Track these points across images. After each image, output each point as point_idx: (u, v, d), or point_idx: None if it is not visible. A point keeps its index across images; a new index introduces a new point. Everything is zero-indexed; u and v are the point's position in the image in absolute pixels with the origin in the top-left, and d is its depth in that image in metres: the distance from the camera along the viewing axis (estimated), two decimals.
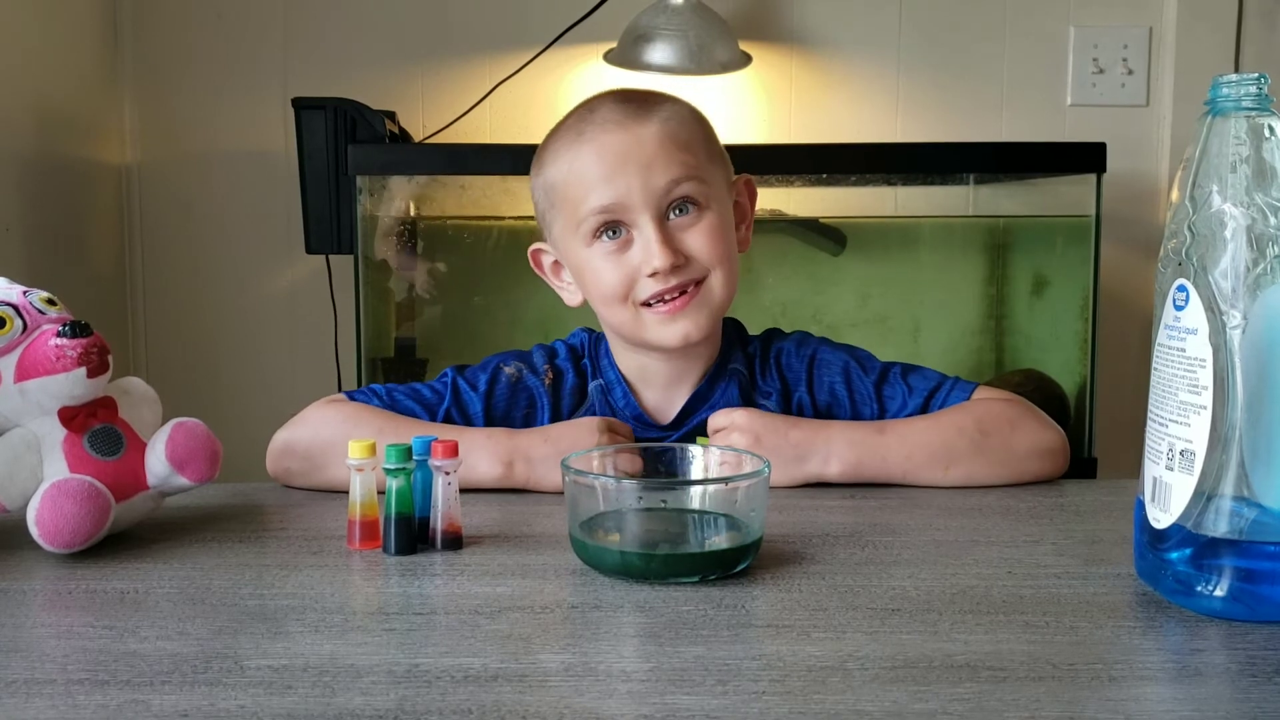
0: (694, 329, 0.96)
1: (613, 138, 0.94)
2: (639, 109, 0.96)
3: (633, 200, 0.93)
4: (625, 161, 0.93)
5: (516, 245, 1.87)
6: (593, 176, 0.94)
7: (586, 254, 0.97)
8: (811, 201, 1.92)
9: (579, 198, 0.95)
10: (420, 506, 0.77)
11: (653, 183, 0.93)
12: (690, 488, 0.77)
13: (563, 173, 0.96)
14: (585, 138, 0.95)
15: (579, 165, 0.95)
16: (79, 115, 1.86)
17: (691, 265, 0.95)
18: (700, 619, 0.63)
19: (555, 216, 0.99)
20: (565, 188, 0.96)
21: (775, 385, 1.03)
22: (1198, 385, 0.61)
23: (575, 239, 0.97)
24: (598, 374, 1.04)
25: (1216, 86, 0.62)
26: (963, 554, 0.76)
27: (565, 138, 0.97)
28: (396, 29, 1.94)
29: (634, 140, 0.94)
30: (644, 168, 0.93)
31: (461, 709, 0.51)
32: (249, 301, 1.99)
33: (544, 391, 1.02)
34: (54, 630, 0.63)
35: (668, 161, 0.94)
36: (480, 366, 1.04)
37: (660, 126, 0.95)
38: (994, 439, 0.95)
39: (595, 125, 0.95)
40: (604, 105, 0.97)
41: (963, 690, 0.53)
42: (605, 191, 0.94)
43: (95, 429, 0.78)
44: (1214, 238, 0.61)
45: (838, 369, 1.02)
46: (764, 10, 1.96)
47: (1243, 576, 0.61)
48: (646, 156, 0.93)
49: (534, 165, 1.01)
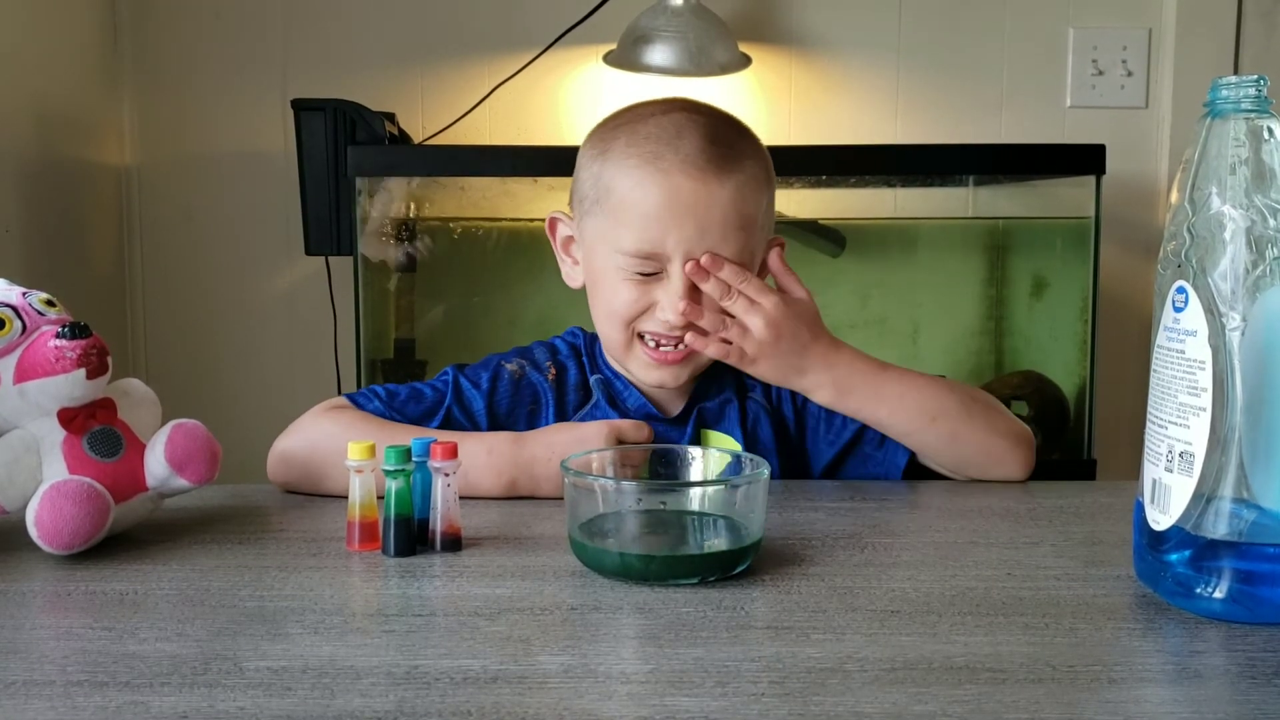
0: (672, 381, 0.99)
1: (689, 186, 0.93)
2: (722, 164, 0.94)
3: (677, 251, 0.93)
4: (689, 215, 0.93)
5: (516, 246, 1.87)
6: (652, 215, 0.93)
7: (609, 264, 0.96)
8: (811, 203, 1.92)
9: (630, 222, 0.94)
10: (420, 508, 0.77)
11: (701, 246, 0.93)
12: (689, 489, 0.77)
13: (625, 188, 0.95)
14: (662, 169, 0.93)
15: (643, 194, 0.94)
16: (78, 116, 1.86)
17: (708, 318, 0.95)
18: (699, 621, 0.63)
19: (598, 214, 0.97)
20: (621, 202, 0.95)
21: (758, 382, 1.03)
22: (1197, 387, 0.61)
23: (607, 247, 0.96)
24: (596, 370, 1.05)
25: (1216, 88, 0.62)
26: (962, 556, 0.76)
27: (643, 152, 0.94)
28: (396, 30, 1.94)
29: (706, 198, 0.93)
30: (701, 230, 0.93)
31: (461, 710, 0.51)
32: (248, 302, 1.99)
33: (548, 387, 1.02)
34: (53, 631, 0.63)
35: (724, 236, 0.94)
36: (482, 364, 1.04)
37: (735, 193, 0.94)
38: (979, 408, 1.00)
39: (677, 161, 0.93)
40: (691, 141, 0.94)
41: (962, 692, 0.53)
42: (657, 237, 0.93)
43: (94, 430, 0.78)
44: (1213, 240, 0.61)
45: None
46: (763, 12, 1.96)
47: (1242, 578, 0.61)
48: (709, 220, 0.93)
49: (594, 146, 0.99)
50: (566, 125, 1.94)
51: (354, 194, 1.67)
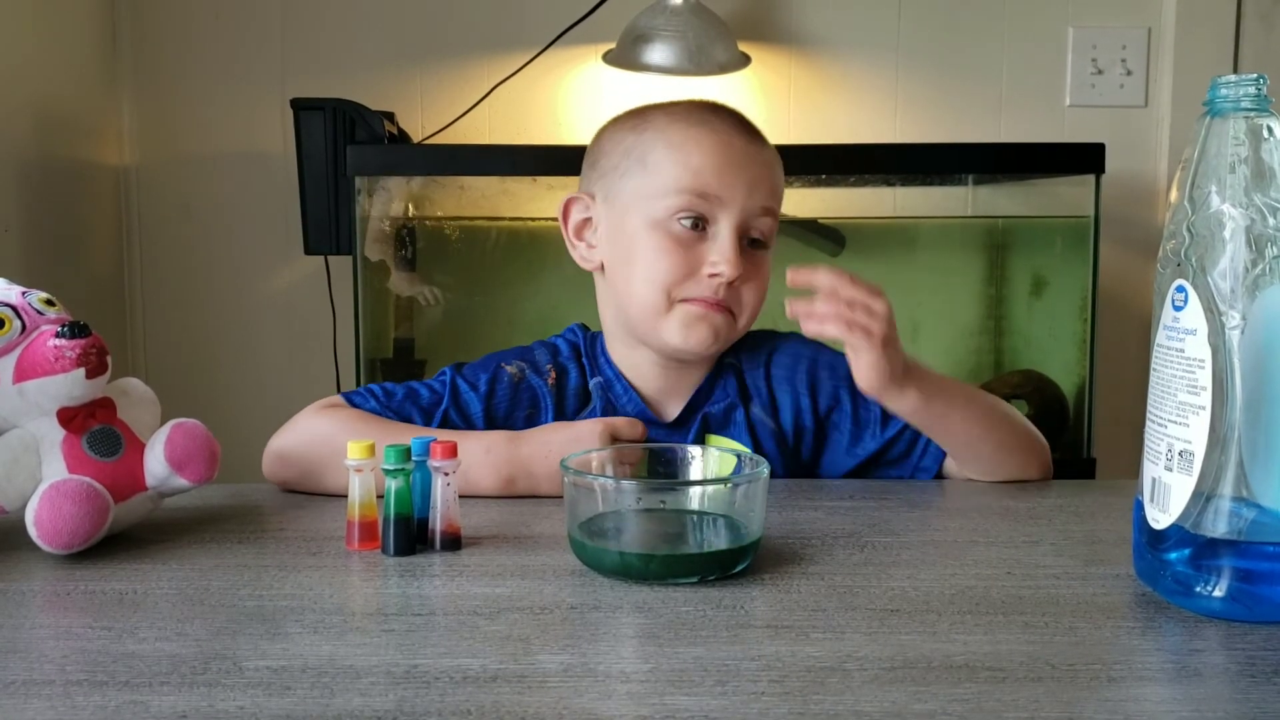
0: (711, 339, 0.97)
1: (739, 142, 0.97)
2: (758, 136, 1.00)
3: (732, 200, 0.95)
4: (742, 164, 0.96)
5: (515, 246, 1.87)
6: (707, 161, 0.95)
7: (650, 225, 0.96)
8: (810, 202, 1.92)
9: (684, 170, 0.95)
10: (419, 507, 0.77)
11: (753, 198, 0.96)
12: (689, 488, 0.77)
13: (675, 140, 0.96)
14: (711, 128, 0.97)
15: (696, 144, 0.96)
16: (78, 116, 1.86)
17: (735, 293, 0.97)
18: (699, 620, 0.63)
19: (633, 176, 0.97)
20: (670, 153, 0.96)
21: (763, 393, 1.02)
22: (1196, 386, 0.61)
23: (646, 207, 0.96)
24: (596, 371, 1.03)
25: (1215, 87, 0.62)
26: (962, 554, 0.76)
27: (688, 117, 0.98)
28: (395, 30, 1.94)
29: (755, 152, 0.98)
30: (752, 181, 0.96)
31: (460, 710, 0.51)
32: (248, 302, 1.99)
33: (548, 391, 1.01)
34: (52, 631, 0.63)
35: (770, 189, 0.98)
36: (481, 364, 1.03)
37: (771, 157, 0.99)
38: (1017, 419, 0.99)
39: (721, 123, 0.97)
40: (727, 116, 0.99)
41: (962, 691, 0.53)
42: (712, 180, 0.95)
43: (94, 430, 0.78)
44: (1213, 238, 0.61)
45: (844, 373, 1.00)
46: (763, 11, 1.96)
47: (1241, 577, 0.61)
48: (757, 173, 0.97)
49: (624, 125, 1.00)
50: (566, 124, 1.94)
51: (353, 193, 1.67)
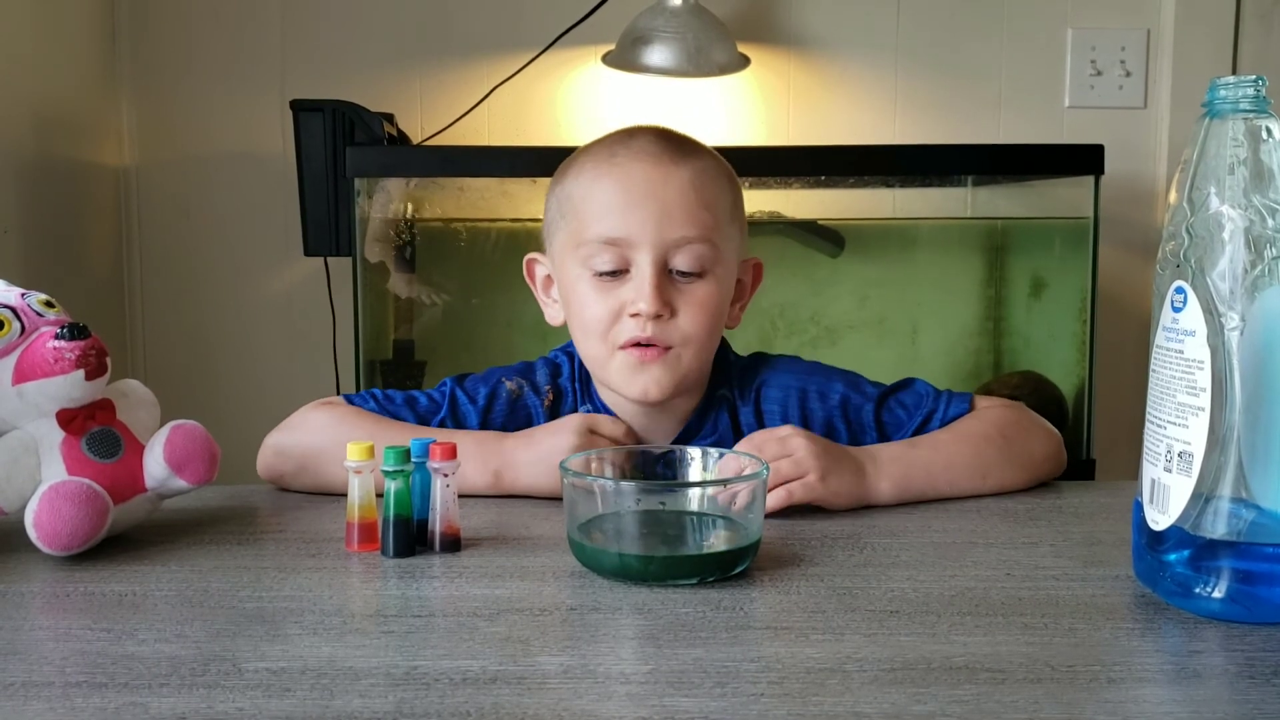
0: (655, 388, 0.94)
1: (642, 169, 0.93)
2: (676, 151, 0.94)
3: (641, 239, 0.91)
4: (646, 198, 0.92)
5: (515, 247, 1.87)
6: (610, 203, 0.93)
7: (578, 275, 0.95)
8: (810, 203, 1.92)
9: (590, 218, 0.93)
10: (419, 509, 0.77)
11: (665, 230, 0.91)
12: (688, 490, 0.77)
13: (583, 188, 0.95)
14: (615, 162, 0.94)
15: (600, 186, 0.94)
16: (77, 117, 1.86)
17: (670, 327, 0.93)
18: (699, 621, 0.63)
19: (561, 228, 0.97)
20: (580, 203, 0.95)
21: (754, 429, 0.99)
22: (1196, 387, 0.61)
23: (573, 258, 0.95)
24: (588, 399, 1.02)
25: (1214, 89, 0.62)
26: (961, 556, 0.76)
27: (597, 155, 0.96)
28: (395, 31, 1.94)
29: (661, 179, 0.92)
30: (662, 211, 0.91)
31: (460, 711, 0.51)
32: (247, 303, 1.99)
33: (542, 413, 1.00)
34: (52, 633, 0.63)
35: (686, 215, 0.92)
36: (482, 378, 1.02)
37: (692, 174, 0.93)
38: (1016, 444, 0.95)
39: (629, 153, 0.94)
40: (643, 136, 0.96)
41: (961, 692, 0.53)
42: (617, 223, 0.92)
43: (93, 431, 0.78)
44: (1212, 239, 0.61)
45: (835, 403, 1.00)
46: (762, 12, 1.96)
47: (1241, 578, 0.62)
48: (669, 201, 0.92)
49: (557, 173, 1.00)
50: (565, 126, 1.94)
51: (353, 195, 1.67)
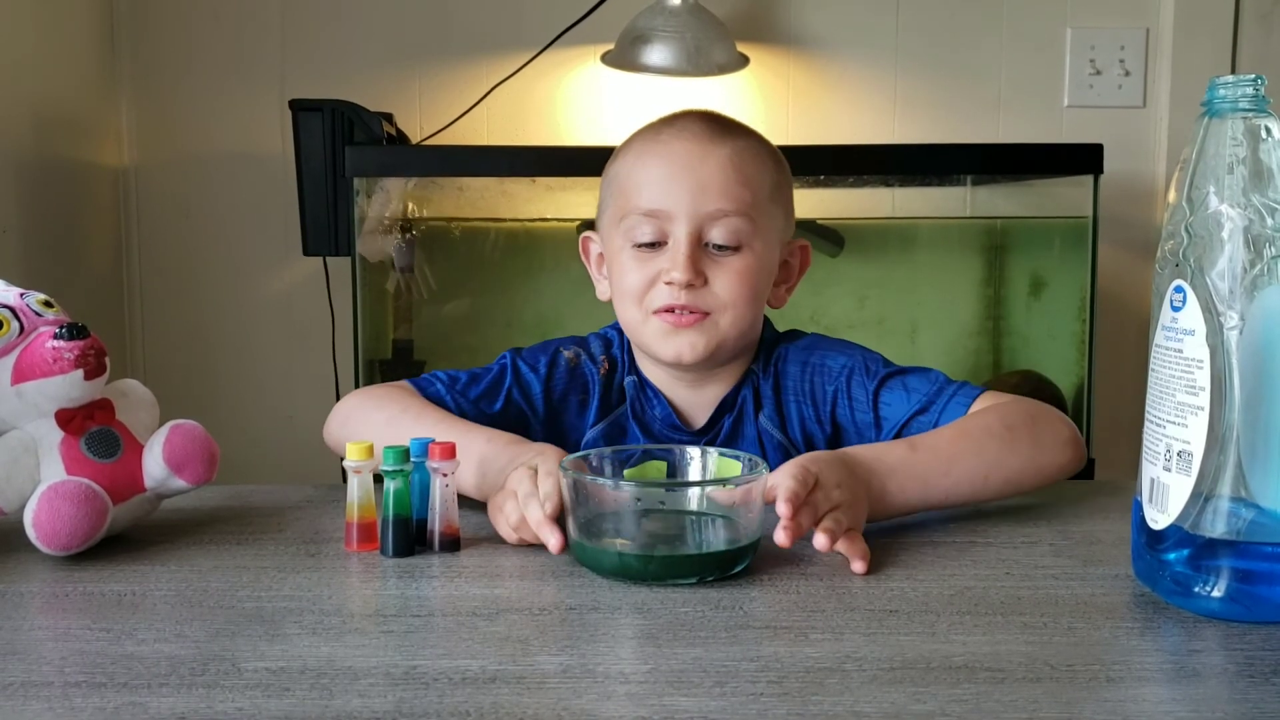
0: (688, 350, 0.96)
1: (684, 147, 0.96)
2: (719, 131, 0.98)
3: (678, 211, 0.95)
4: (685, 172, 0.95)
5: (514, 247, 1.87)
6: (652, 178, 0.97)
7: (620, 246, 0.99)
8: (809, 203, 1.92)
9: (633, 193, 0.97)
10: (418, 508, 0.77)
11: (701, 203, 0.94)
12: (688, 489, 0.77)
13: (628, 166, 0.99)
14: (659, 141, 0.98)
15: (643, 163, 0.98)
16: (77, 117, 1.86)
17: (706, 294, 0.95)
18: (698, 620, 0.63)
19: (609, 205, 1.01)
20: (625, 180, 0.99)
21: (772, 403, 1.02)
22: (1195, 386, 0.61)
23: (617, 231, 0.99)
24: (632, 370, 1.04)
25: (1213, 88, 0.62)
26: (960, 555, 0.76)
27: (645, 136, 1.01)
28: (394, 31, 1.94)
29: (701, 156, 0.96)
30: (699, 185, 0.95)
31: (459, 711, 0.51)
32: (246, 303, 1.99)
33: (598, 381, 1.03)
34: (51, 633, 0.63)
35: (724, 190, 0.95)
36: (540, 348, 1.05)
37: (732, 153, 0.96)
38: (1021, 435, 0.89)
39: (673, 132, 0.98)
40: (689, 118, 1.00)
41: (961, 691, 0.53)
42: (656, 195, 0.96)
43: (92, 431, 0.78)
44: (1211, 239, 0.61)
45: (840, 375, 1.00)
46: (761, 12, 1.96)
47: (1240, 577, 0.62)
48: (706, 176, 0.95)
49: (611, 157, 1.04)
50: (564, 125, 1.94)
51: (352, 194, 1.67)
